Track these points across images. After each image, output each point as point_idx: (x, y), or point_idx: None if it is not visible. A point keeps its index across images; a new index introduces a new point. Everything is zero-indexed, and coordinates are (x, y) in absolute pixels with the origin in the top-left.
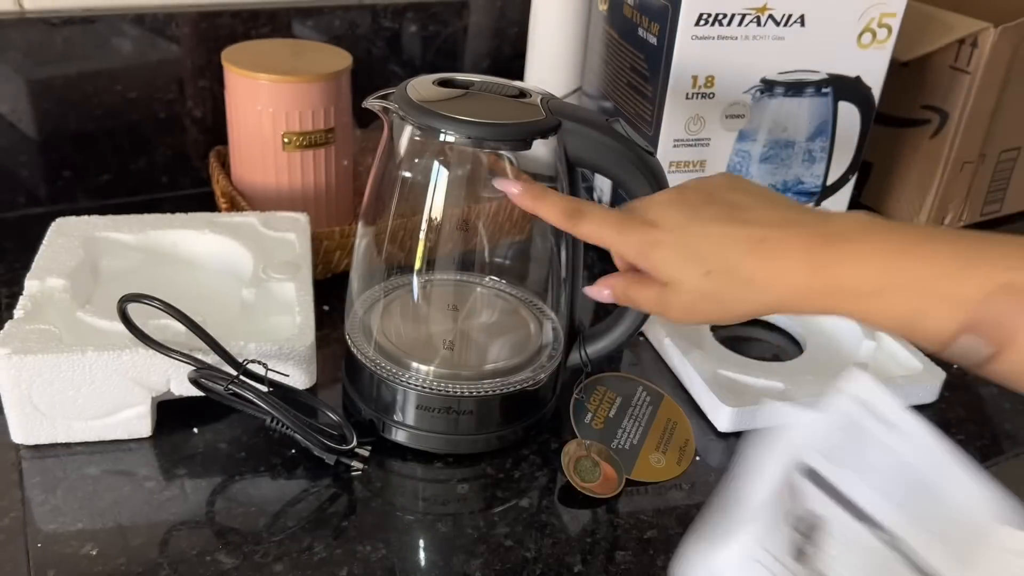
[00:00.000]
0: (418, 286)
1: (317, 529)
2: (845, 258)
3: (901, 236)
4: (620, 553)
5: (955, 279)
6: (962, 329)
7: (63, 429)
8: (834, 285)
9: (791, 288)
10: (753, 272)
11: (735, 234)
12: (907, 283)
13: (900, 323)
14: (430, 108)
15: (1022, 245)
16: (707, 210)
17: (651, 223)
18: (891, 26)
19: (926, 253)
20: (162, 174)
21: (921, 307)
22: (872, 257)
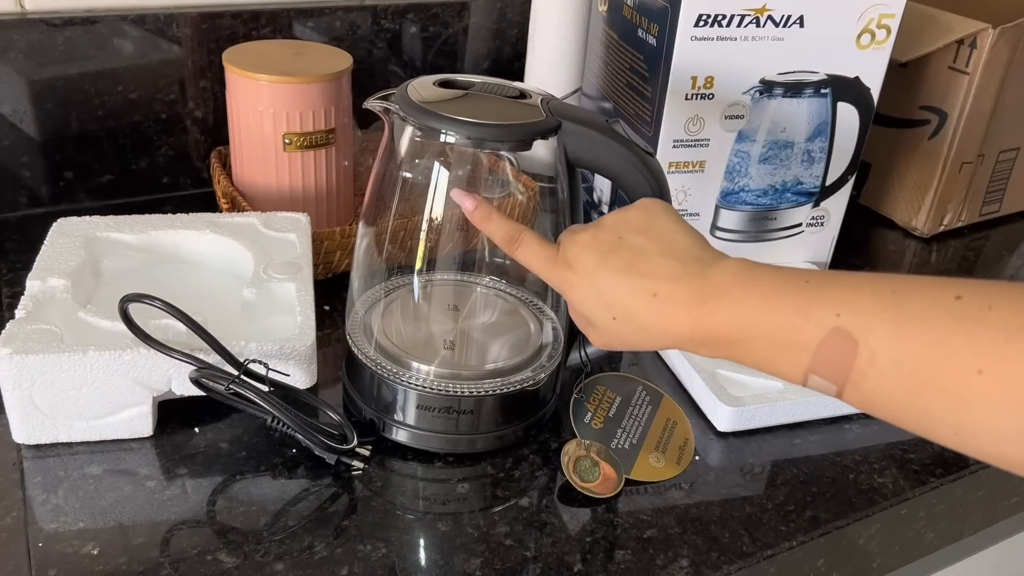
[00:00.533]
0: (419, 286)
1: (318, 528)
2: (715, 313)
3: (760, 288)
4: (619, 552)
5: (795, 328)
6: (808, 371)
7: (64, 429)
8: (710, 336)
9: (679, 337)
10: (649, 323)
11: (633, 285)
12: (761, 334)
13: (764, 367)
14: (431, 109)
15: (853, 289)
16: (614, 259)
17: (569, 265)
18: (890, 27)
19: (775, 304)
20: (163, 174)
21: (775, 353)
22: (734, 311)
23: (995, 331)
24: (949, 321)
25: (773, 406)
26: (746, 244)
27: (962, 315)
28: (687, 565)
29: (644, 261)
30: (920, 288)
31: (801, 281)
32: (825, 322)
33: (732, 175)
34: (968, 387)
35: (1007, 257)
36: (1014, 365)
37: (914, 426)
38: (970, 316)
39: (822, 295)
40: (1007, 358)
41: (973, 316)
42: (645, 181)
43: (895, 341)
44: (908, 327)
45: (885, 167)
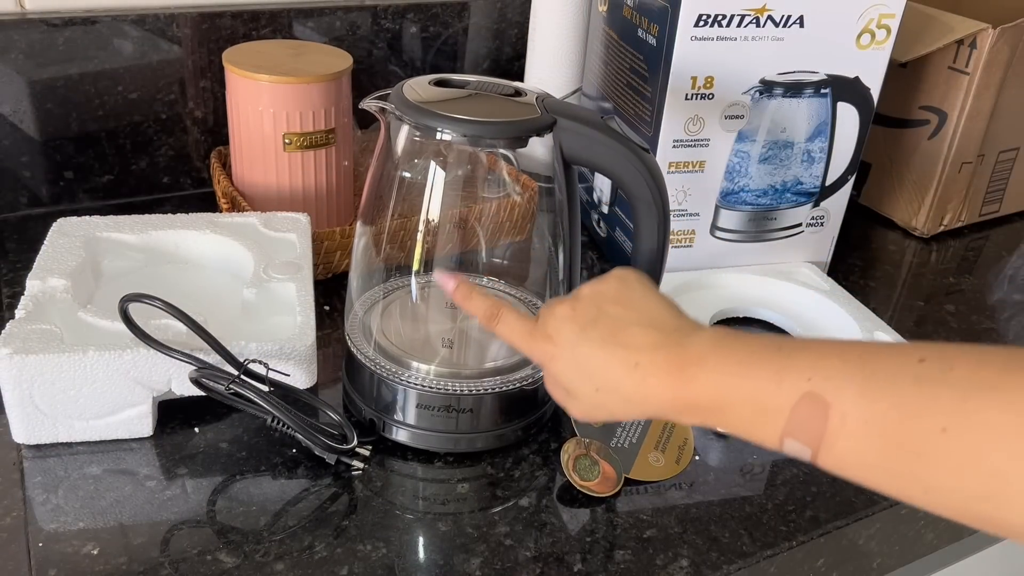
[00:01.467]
0: (417, 286)
1: (318, 528)
2: (695, 381)
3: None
4: (619, 552)
5: (770, 393)
6: (784, 435)
7: (64, 429)
8: (691, 404)
9: (662, 406)
10: (631, 392)
11: (615, 356)
12: (739, 400)
13: (744, 433)
14: (426, 107)
15: (823, 354)
16: (594, 330)
17: (549, 337)
18: (890, 27)
19: (750, 371)
20: (163, 175)
21: (752, 419)
22: (712, 379)
23: (955, 391)
24: (913, 383)
25: None
26: (746, 244)
27: (925, 377)
28: (687, 565)
29: (624, 331)
30: (886, 352)
31: (774, 348)
32: (798, 386)
33: (732, 175)
34: (933, 446)
35: (1007, 257)
36: (975, 422)
37: (887, 487)
38: (932, 378)
39: (794, 361)
40: (968, 416)
41: (935, 378)
42: (640, 176)
43: (864, 403)
44: (875, 390)
45: (885, 167)
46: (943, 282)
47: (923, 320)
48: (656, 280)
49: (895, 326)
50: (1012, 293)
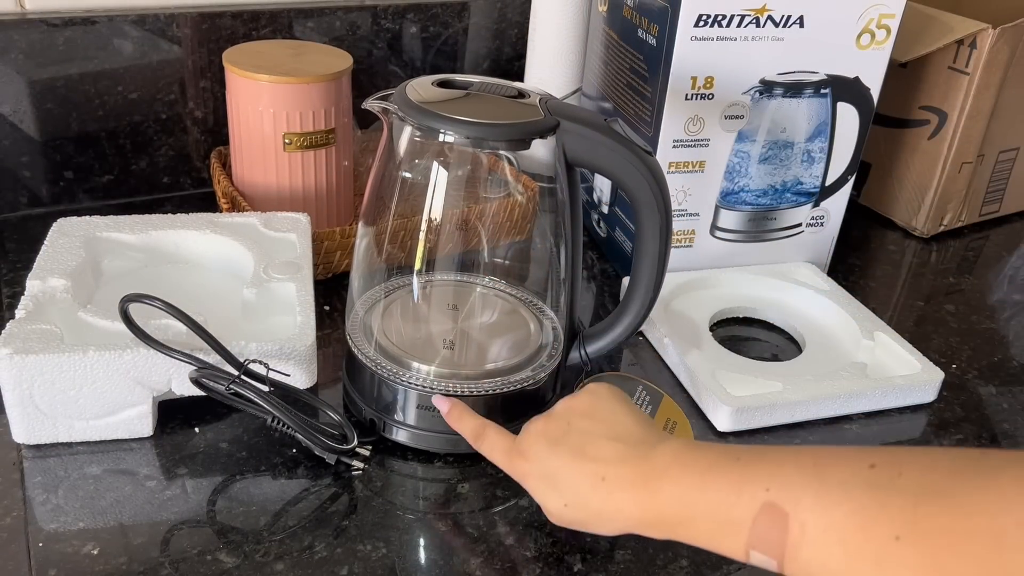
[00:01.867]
0: (418, 286)
1: (318, 528)
2: (658, 495)
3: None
4: (619, 552)
5: (731, 505)
6: (748, 547)
7: (64, 429)
8: (657, 518)
9: (630, 520)
10: (600, 507)
11: (582, 469)
12: (701, 512)
13: (708, 545)
14: (429, 109)
15: (779, 463)
16: (563, 445)
17: (523, 454)
18: (890, 27)
19: (710, 483)
20: (163, 175)
21: (716, 531)
22: (674, 492)
23: (904, 497)
24: (865, 489)
25: (773, 406)
26: (746, 244)
27: (876, 483)
28: (687, 565)
29: (591, 445)
30: (840, 459)
31: (732, 458)
32: (757, 497)
33: (732, 175)
34: (889, 554)
35: (1007, 257)
36: (925, 528)
37: None
38: (882, 484)
39: (752, 471)
40: (918, 522)
41: (885, 484)
42: (644, 180)
43: (821, 511)
44: (830, 497)
45: (885, 167)
46: (943, 282)
47: (923, 320)
48: (658, 282)
49: (895, 326)
50: (1012, 293)
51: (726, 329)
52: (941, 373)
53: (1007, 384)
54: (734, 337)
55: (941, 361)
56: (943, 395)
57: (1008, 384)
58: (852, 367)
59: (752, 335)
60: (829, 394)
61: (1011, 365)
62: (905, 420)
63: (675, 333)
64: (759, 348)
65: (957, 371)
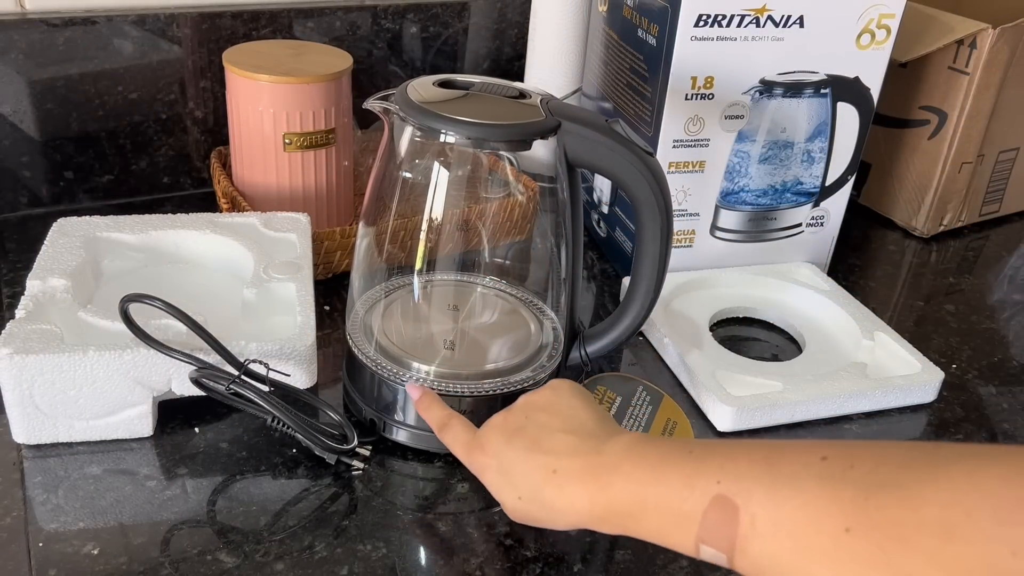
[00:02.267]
0: (419, 286)
1: (318, 528)
2: (610, 488)
3: (648, 461)
4: (620, 552)
5: (682, 498)
6: (698, 541)
7: (64, 429)
8: (607, 511)
9: (581, 514)
10: (552, 500)
11: (535, 462)
12: (652, 506)
13: (658, 539)
14: (431, 109)
15: (731, 456)
16: (520, 438)
17: (481, 447)
18: (890, 27)
19: (662, 476)
20: (163, 175)
21: (666, 525)
22: (626, 486)
23: (856, 488)
24: (816, 482)
25: (773, 406)
26: (746, 244)
27: (827, 475)
28: (687, 565)
29: (547, 438)
30: (791, 452)
31: (685, 452)
32: (708, 490)
33: (732, 175)
34: (838, 546)
35: (1007, 257)
36: (877, 520)
37: None
38: (834, 476)
39: (704, 464)
40: (869, 514)
41: (836, 476)
42: (645, 181)
43: (771, 505)
44: (781, 491)
45: (885, 167)
46: (943, 282)
47: (923, 320)
48: (658, 283)
49: (895, 326)
50: (1012, 293)
51: (726, 329)
52: (941, 373)
53: (1007, 384)
54: (734, 337)
55: (941, 361)
56: (943, 395)
57: (1008, 384)
58: (852, 367)
59: (752, 335)
60: (829, 394)
61: (1011, 365)
62: (905, 420)
63: (675, 333)
64: (759, 348)
65: (957, 371)
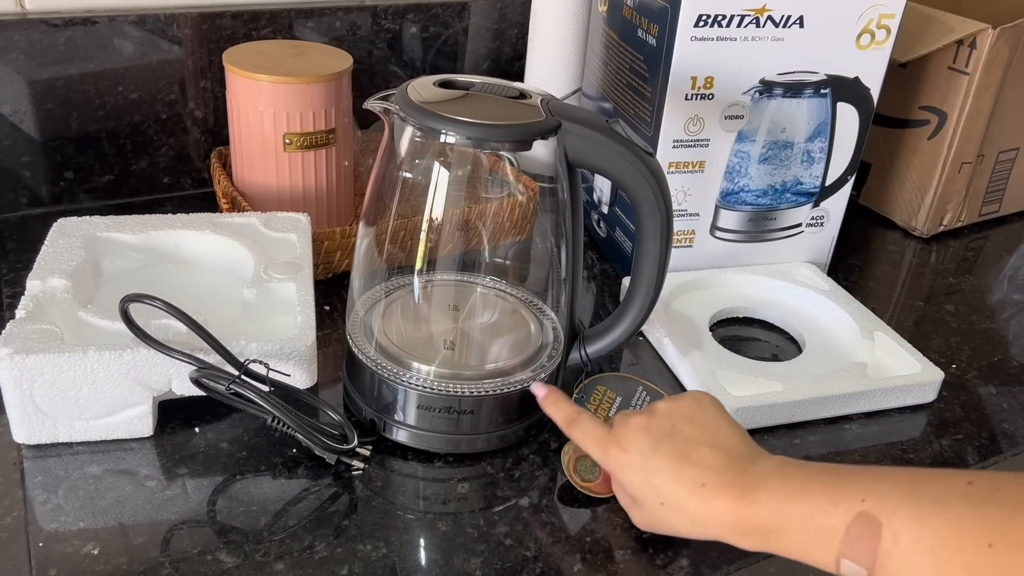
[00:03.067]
0: (419, 286)
1: (318, 528)
2: (755, 504)
3: (795, 480)
4: (619, 552)
5: (826, 513)
6: (839, 555)
7: (65, 429)
8: (751, 527)
9: (723, 527)
10: (695, 512)
11: (683, 474)
12: (796, 522)
13: (800, 555)
14: (431, 109)
15: (877, 478)
16: (667, 445)
17: (622, 446)
18: (890, 27)
19: (808, 493)
20: (163, 175)
21: (809, 540)
22: (772, 502)
23: (1002, 508)
24: (961, 502)
25: (773, 406)
26: (746, 244)
27: (973, 496)
28: (687, 565)
29: (694, 451)
30: (937, 476)
31: (831, 473)
32: (852, 507)
33: (732, 175)
34: (981, 561)
35: (1007, 257)
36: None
37: None
38: (980, 496)
39: (849, 484)
40: (1013, 531)
41: (982, 496)
42: (645, 181)
43: (914, 523)
44: (925, 509)
45: (885, 167)
46: (943, 282)
47: (923, 320)
48: (659, 283)
49: (895, 326)
50: (1012, 293)
51: (726, 329)
52: (941, 373)
53: (1007, 384)
54: (734, 337)
55: (941, 361)
56: (943, 395)
57: (1008, 384)
58: (852, 367)
59: (752, 335)
60: (829, 394)
61: (1011, 365)
62: (905, 420)
63: (675, 333)
64: (759, 348)
65: (957, 371)
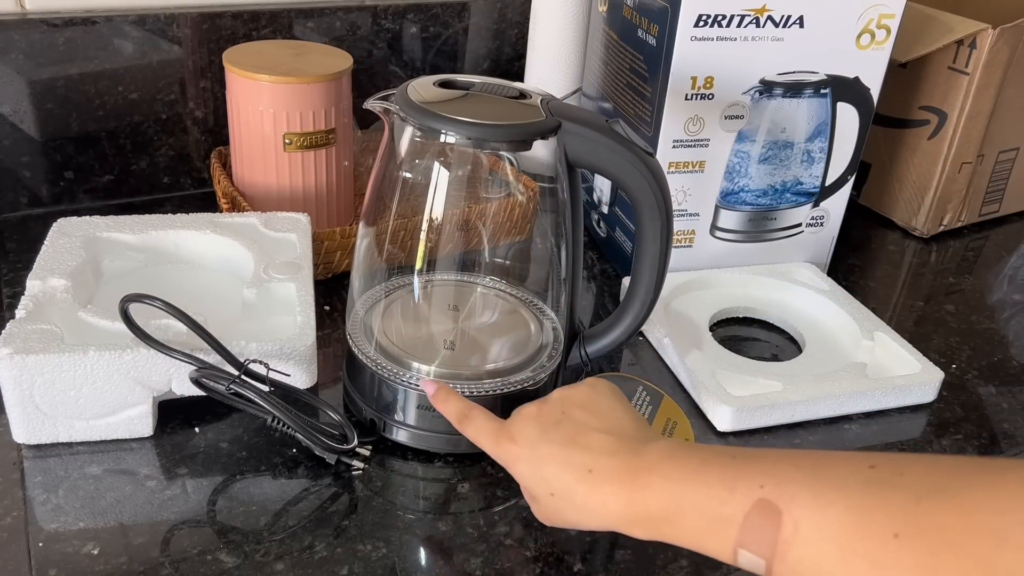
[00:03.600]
0: (419, 286)
1: (318, 528)
2: (647, 489)
3: (688, 463)
4: (619, 552)
5: (722, 500)
6: (737, 546)
7: (65, 429)
8: (642, 513)
9: (614, 515)
10: (584, 499)
11: (570, 459)
12: (690, 507)
13: (695, 544)
14: (431, 109)
15: (775, 461)
16: (555, 432)
17: (512, 437)
18: (890, 27)
19: (702, 478)
20: (164, 175)
21: (704, 529)
22: (664, 487)
23: (906, 494)
24: (864, 487)
25: (773, 406)
26: (746, 244)
27: (876, 481)
28: (687, 565)
29: (583, 435)
30: (838, 459)
31: (727, 457)
32: (750, 494)
33: (732, 175)
34: (886, 552)
35: (1007, 257)
36: (926, 526)
37: None
38: (883, 481)
39: (747, 469)
40: (919, 519)
41: (886, 481)
42: (645, 181)
43: (816, 509)
44: (826, 495)
45: (885, 167)
46: (943, 282)
47: (923, 320)
48: (658, 283)
49: (895, 326)
50: (1012, 293)
51: (726, 329)
52: (941, 373)
53: (1007, 384)
54: (734, 337)
55: (941, 361)
56: (943, 395)
57: (1008, 384)
58: (852, 367)
59: (752, 335)
60: (829, 394)
61: (1011, 365)
62: (905, 420)
63: (675, 333)
64: (759, 348)
65: (957, 371)
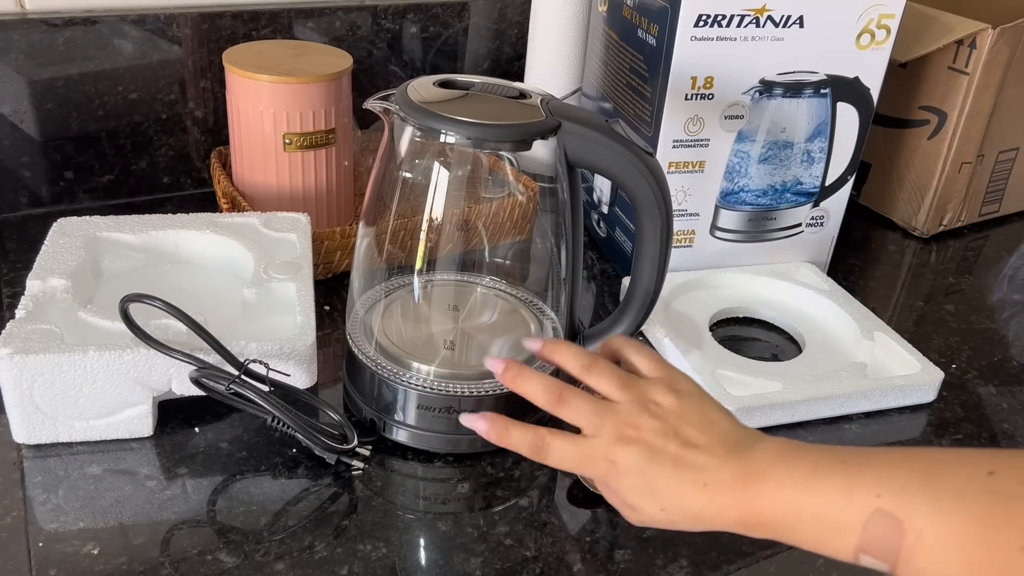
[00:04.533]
0: (419, 286)
1: (318, 528)
2: (762, 499)
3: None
4: (619, 552)
5: (840, 508)
6: (858, 551)
7: (64, 429)
8: (759, 520)
9: (729, 523)
10: (699, 511)
11: (684, 477)
12: (808, 516)
13: (814, 547)
14: (431, 109)
15: (889, 466)
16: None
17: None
18: (890, 27)
19: (817, 485)
20: (163, 175)
21: (824, 533)
22: (778, 495)
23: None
24: (986, 498)
25: (773, 406)
26: (746, 244)
27: (998, 492)
28: (687, 565)
29: (693, 452)
30: (953, 464)
31: (838, 461)
32: (868, 503)
33: (732, 175)
34: (1015, 564)
35: (1007, 257)
36: None
37: None
38: (1005, 493)
39: (860, 475)
40: None
41: (1009, 493)
42: (645, 181)
43: (937, 519)
44: (946, 504)
45: (885, 167)
46: (943, 282)
47: (923, 320)
48: (658, 283)
49: (895, 326)
50: (1012, 293)
51: (726, 329)
52: (941, 373)
53: (1007, 384)
54: (734, 337)
55: (941, 361)
56: (943, 395)
57: (1008, 384)
58: (852, 367)
59: (752, 335)
60: (829, 394)
61: (1011, 365)
62: (905, 420)
63: (675, 333)
64: (759, 348)
65: (957, 371)
